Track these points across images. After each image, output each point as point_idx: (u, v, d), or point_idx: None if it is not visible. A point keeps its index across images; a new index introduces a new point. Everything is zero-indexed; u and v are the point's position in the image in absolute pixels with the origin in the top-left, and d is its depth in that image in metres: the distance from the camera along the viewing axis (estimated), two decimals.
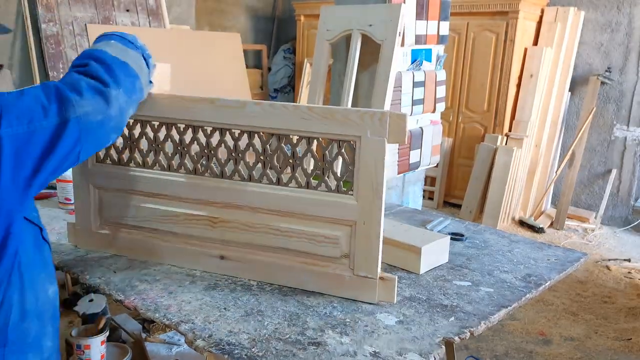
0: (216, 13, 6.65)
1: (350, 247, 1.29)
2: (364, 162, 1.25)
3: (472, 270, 1.52)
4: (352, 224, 1.28)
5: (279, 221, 1.34)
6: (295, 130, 1.31)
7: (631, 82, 4.87)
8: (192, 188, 1.41)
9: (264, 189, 1.35)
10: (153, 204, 1.45)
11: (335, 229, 1.30)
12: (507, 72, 4.91)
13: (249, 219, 1.37)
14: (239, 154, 1.37)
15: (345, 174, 1.29)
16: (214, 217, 1.40)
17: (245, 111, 1.33)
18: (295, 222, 1.33)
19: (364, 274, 1.28)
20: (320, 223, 1.31)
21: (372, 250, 1.26)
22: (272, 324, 1.19)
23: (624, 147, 4.98)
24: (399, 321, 1.22)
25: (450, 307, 1.29)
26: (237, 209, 1.37)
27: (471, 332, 1.19)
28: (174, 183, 1.42)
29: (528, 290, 1.40)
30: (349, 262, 1.30)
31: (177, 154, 1.43)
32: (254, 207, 1.36)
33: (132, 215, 1.47)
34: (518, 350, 2.91)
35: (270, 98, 7.03)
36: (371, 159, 1.24)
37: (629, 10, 4.81)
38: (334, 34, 2.11)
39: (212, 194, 1.39)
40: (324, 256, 1.32)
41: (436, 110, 2.47)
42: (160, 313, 1.22)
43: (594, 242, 4.68)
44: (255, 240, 1.37)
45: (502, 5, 4.81)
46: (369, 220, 1.26)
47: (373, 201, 1.25)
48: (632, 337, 3.11)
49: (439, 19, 2.37)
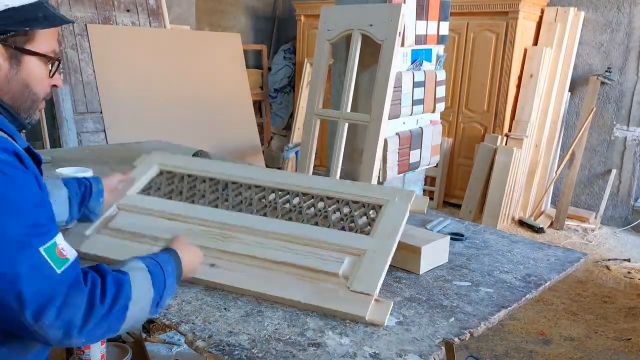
0: (217, 13, 6.65)
1: (355, 267, 1.31)
2: (387, 215, 1.40)
3: (472, 270, 1.52)
4: (362, 252, 1.33)
5: (291, 243, 1.39)
6: (332, 191, 1.49)
7: (631, 82, 4.87)
8: (212, 213, 1.52)
9: (285, 224, 1.45)
10: (166, 220, 1.53)
11: (343, 253, 1.35)
12: (507, 72, 4.90)
13: (260, 239, 1.42)
14: (273, 207, 1.46)
15: (366, 226, 1.40)
16: (225, 232, 1.46)
17: (300, 177, 1.55)
18: (307, 244, 1.39)
19: (360, 290, 1.25)
20: (329, 247, 1.37)
21: (376, 271, 1.28)
22: (272, 324, 1.19)
23: (623, 147, 4.98)
24: (398, 322, 1.22)
25: (450, 308, 1.29)
26: (251, 234, 1.44)
27: (471, 332, 1.19)
28: (203, 211, 1.54)
29: (528, 291, 1.40)
30: (346, 282, 1.29)
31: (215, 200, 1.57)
32: (267, 231, 1.43)
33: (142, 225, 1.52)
34: (518, 350, 2.91)
35: (270, 98, 7.03)
36: (393, 215, 1.39)
37: (629, 10, 4.81)
38: (334, 33, 2.11)
39: (230, 219, 1.48)
40: (324, 271, 1.32)
41: (436, 110, 2.47)
42: (160, 313, 1.22)
43: (594, 242, 4.68)
44: (254, 253, 1.39)
45: (502, 6, 4.81)
46: (380, 250, 1.32)
47: (388, 240, 1.34)
48: (632, 337, 3.11)
49: (439, 19, 2.37)
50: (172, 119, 4.70)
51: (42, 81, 1.12)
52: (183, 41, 4.98)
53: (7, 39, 1.03)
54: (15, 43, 1.04)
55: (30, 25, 1.05)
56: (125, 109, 4.44)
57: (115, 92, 4.41)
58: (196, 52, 5.02)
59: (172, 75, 4.79)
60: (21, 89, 1.08)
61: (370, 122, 1.95)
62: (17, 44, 1.05)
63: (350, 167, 2.29)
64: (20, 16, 1.03)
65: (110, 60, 4.44)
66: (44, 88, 1.13)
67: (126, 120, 4.42)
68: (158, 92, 4.67)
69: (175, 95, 4.78)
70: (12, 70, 1.06)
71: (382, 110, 1.92)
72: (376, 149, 1.92)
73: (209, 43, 5.23)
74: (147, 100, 4.58)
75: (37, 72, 1.10)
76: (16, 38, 1.04)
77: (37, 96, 1.12)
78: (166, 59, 4.76)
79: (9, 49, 1.04)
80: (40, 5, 1.08)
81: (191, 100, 4.87)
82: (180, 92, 4.82)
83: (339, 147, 2.04)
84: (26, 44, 1.06)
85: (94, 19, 4.47)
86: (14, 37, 1.04)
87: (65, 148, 3.69)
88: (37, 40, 1.08)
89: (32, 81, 1.09)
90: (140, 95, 4.56)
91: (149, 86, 4.61)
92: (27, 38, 1.06)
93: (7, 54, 1.04)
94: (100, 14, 4.54)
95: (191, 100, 4.88)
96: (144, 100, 4.57)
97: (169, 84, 4.76)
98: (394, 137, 2.27)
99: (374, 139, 1.93)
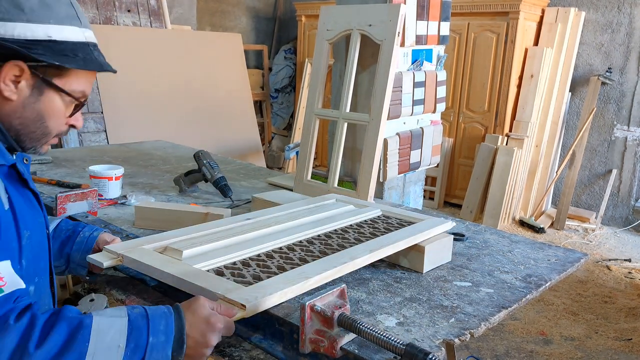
0: (217, 13, 6.66)
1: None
2: None
3: (472, 270, 1.52)
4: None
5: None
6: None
7: (631, 83, 4.87)
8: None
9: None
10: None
11: None
12: (508, 72, 4.90)
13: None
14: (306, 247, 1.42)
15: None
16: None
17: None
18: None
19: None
20: None
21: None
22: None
23: (624, 147, 4.98)
24: (399, 322, 1.22)
25: (450, 308, 1.29)
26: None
27: (471, 333, 1.19)
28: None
29: (528, 291, 1.40)
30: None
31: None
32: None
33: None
34: (518, 350, 2.91)
35: (271, 98, 7.03)
36: None
37: (629, 11, 4.81)
38: (334, 33, 2.11)
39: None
40: None
41: (437, 111, 2.47)
42: None
43: (595, 242, 4.68)
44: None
45: (503, 6, 4.81)
46: None
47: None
48: (633, 337, 3.11)
49: (440, 20, 2.37)
50: (173, 119, 4.70)
51: (59, 118, 1.08)
52: (184, 41, 4.98)
53: (37, 67, 1.00)
54: (44, 74, 1.02)
55: (63, 62, 1.01)
56: (126, 109, 4.44)
57: (116, 93, 4.41)
58: (197, 53, 5.02)
59: (173, 76, 4.79)
60: (34, 118, 1.05)
61: (369, 122, 1.95)
62: (46, 75, 1.02)
63: (351, 167, 2.29)
64: (58, 50, 1.01)
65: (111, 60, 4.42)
66: (59, 125, 1.09)
67: (127, 120, 4.42)
68: (159, 92, 4.67)
69: (176, 95, 4.78)
70: (31, 97, 1.03)
71: (382, 110, 1.92)
72: (375, 148, 1.92)
73: (209, 43, 5.23)
74: (148, 101, 4.58)
75: (56, 108, 1.06)
76: (47, 69, 1.02)
77: (49, 130, 1.08)
78: (167, 59, 4.76)
79: (36, 77, 1.01)
80: (84, 46, 1.06)
81: (192, 101, 4.88)
82: (181, 92, 4.83)
83: (338, 147, 2.04)
84: (55, 78, 1.03)
85: (95, 20, 4.47)
86: (44, 68, 1.01)
87: (66, 148, 3.69)
88: (70, 78, 1.05)
89: (47, 114, 1.06)
90: (141, 95, 4.56)
91: (150, 86, 4.62)
92: (60, 72, 1.03)
93: (32, 82, 1.01)
94: (101, 14, 4.54)
95: (192, 100, 4.88)
96: (145, 101, 4.57)
97: (170, 84, 4.76)
98: (395, 137, 2.27)
99: (374, 139, 1.93)
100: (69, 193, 1.74)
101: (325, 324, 1.00)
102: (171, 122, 4.67)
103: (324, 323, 1.00)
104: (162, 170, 2.53)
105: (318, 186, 2.08)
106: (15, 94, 1.01)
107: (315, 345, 1.00)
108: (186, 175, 2.16)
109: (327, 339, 0.99)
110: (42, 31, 1.00)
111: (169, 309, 0.96)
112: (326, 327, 1.00)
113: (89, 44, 1.08)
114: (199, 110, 4.90)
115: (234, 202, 2.04)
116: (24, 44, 0.98)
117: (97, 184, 1.99)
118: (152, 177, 2.39)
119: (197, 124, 4.85)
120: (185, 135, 4.46)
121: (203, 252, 1.27)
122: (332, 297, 1.04)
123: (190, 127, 4.77)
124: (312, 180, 2.12)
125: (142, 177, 2.38)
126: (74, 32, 1.05)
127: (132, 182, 2.28)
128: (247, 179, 2.44)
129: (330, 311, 0.99)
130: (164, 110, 4.68)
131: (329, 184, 2.06)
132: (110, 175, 2.01)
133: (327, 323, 0.99)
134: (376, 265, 1.47)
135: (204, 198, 2.11)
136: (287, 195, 1.91)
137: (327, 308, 1.00)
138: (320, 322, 1.00)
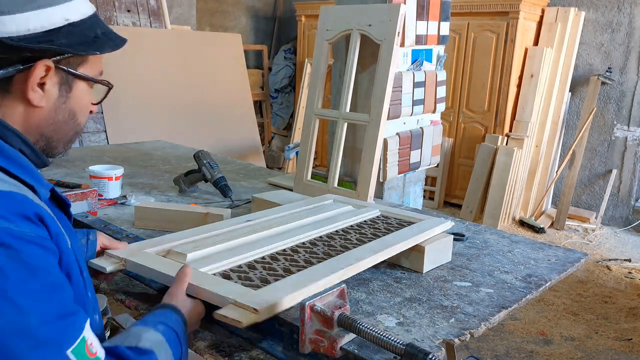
0: (217, 13, 6.65)
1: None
2: None
3: (472, 270, 1.52)
4: None
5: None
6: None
7: (632, 82, 4.87)
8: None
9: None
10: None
11: None
12: (508, 72, 4.90)
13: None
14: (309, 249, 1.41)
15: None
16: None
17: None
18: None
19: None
20: None
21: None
22: None
23: (624, 147, 4.98)
24: (399, 322, 1.22)
25: (450, 308, 1.29)
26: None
27: (471, 333, 1.19)
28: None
29: (528, 291, 1.40)
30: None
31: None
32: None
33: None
34: (519, 350, 2.91)
35: (270, 98, 7.03)
36: None
37: (629, 10, 4.81)
38: (334, 33, 2.10)
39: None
40: None
41: (436, 111, 2.47)
42: None
43: (595, 242, 4.68)
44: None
45: (503, 6, 4.81)
46: None
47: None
48: (633, 337, 3.11)
49: (440, 20, 2.37)
50: (172, 118, 4.70)
51: (87, 109, 0.95)
52: (184, 41, 4.98)
53: (60, 60, 0.84)
54: (68, 65, 0.86)
55: (94, 49, 0.87)
56: (126, 109, 4.44)
57: (115, 93, 4.39)
58: (197, 53, 5.02)
59: (172, 76, 4.79)
60: (67, 119, 0.90)
61: (369, 122, 1.95)
62: (70, 67, 0.87)
63: (350, 167, 2.29)
64: (79, 34, 0.85)
65: (111, 60, 4.43)
66: (86, 117, 0.96)
67: (127, 120, 4.42)
68: (159, 92, 4.67)
69: (175, 95, 4.78)
70: (61, 97, 0.87)
71: (381, 110, 1.92)
72: (375, 148, 1.92)
73: (209, 43, 5.23)
74: (147, 101, 4.58)
75: (85, 100, 0.93)
76: (69, 59, 0.86)
77: (80, 127, 0.94)
78: (167, 59, 4.76)
79: (61, 72, 0.86)
80: (96, 19, 0.91)
81: (192, 100, 4.88)
82: (180, 92, 4.83)
83: (338, 147, 2.04)
84: (80, 67, 0.89)
85: None
86: (67, 59, 0.86)
87: None
88: (89, 62, 0.90)
89: (79, 110, 0.92)
90: (141, 95, 4.56)
91: (149, 86, 4.61)
92: (82, 59, 0.88)
93: (57, 79, 0.86)
94: (101, 14, 4.54)
95: (192, 100, 4.88)
96: (145, 101, 4.57)
97: (170, 84, 4.76)
98: (394, 137, 2.27)
99: (373, 139, 1.93)
100: (69, 193, 1.74)
101: (325, 324, 0.99)
102: (171, 122, 4.67)
103: (323, 323, 0.99)
104: (162, 170, 2.53)
105: (318, 186, 2.08)
106: (44, 99, 0.85)
107: (315, 345, 1.00)
108: (186, 175, 2.16)
109: (327, 339, 0.99)
110: (59, 15, 0.83)
111: (176, 313, 1.00)
112: (326, 327, 0.99)
113: (95, 13, 0.92)
114: (198, 110, 4.90)
115: (234, 202, 2.04)
116: (45, 38, 0.81)
117: (96, 184, 2.00)
118: (151, 177, 2.39)
119: (196, 124, 4.85)
120: (185, 135, 4.46)
121: (207, 255, 1.26)
122: (332, 297, 1.04)
123: (190, 127, 4.77)
124: (312, 180, 2.12)
125: (141, 177, 2.38)
126: (84, 4, 0.89)
127: (131, 182, 2.27)
128: (247, 179, 2.44)
129: (330, 311, 0.99)
130: (164, 111, 4.68)
131: (328, 184, 2.06)
132: (110, 176, 2.01)
133: (327, 323, 0.99)
134: (376, 265, 1.47)
135: (203, 198, 2.11)
136: (287, 196, 1.91)
137: (327, 308, 0.99)
138: (320, 322, 1.00)
